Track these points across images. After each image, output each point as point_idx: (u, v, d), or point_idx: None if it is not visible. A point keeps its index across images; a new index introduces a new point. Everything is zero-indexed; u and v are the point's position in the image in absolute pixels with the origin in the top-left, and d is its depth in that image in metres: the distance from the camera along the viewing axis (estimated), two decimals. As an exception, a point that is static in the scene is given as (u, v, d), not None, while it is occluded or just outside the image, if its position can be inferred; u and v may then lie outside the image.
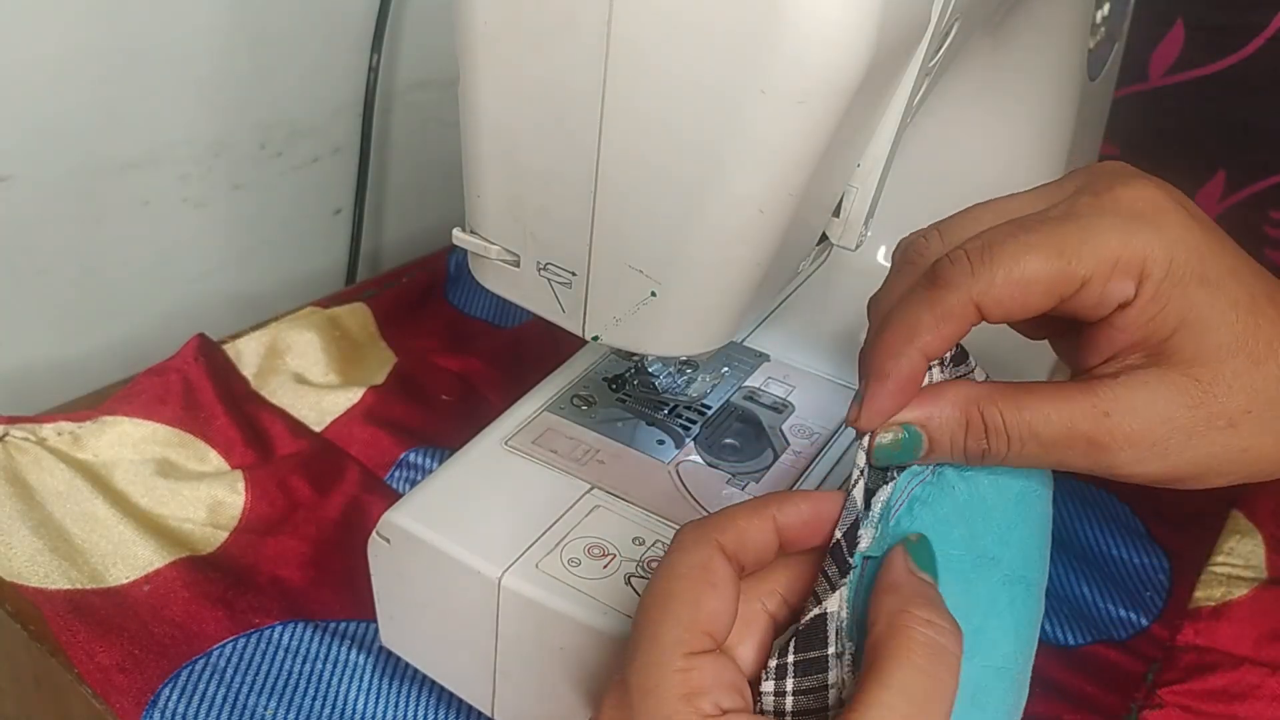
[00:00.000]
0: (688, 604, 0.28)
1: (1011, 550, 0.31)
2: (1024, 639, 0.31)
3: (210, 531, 0.52)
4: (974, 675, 0.29)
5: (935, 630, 0.27)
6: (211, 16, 0.65)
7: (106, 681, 0.43)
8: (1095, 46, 0.52)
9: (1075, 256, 0.28)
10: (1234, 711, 0.44)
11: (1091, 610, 0.51)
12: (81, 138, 0.62)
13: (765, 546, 0.30)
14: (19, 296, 0.63)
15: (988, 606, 0.30)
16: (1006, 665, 0.30)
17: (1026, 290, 0.28)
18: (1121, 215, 0.29)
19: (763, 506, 0.30)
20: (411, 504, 0.40)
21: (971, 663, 0.28)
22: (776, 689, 0.28)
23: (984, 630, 0.29)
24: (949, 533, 0.30)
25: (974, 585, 0.30)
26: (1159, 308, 0.28)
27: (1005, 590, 0.30)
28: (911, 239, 0.32)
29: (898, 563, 0.29)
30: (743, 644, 0.29)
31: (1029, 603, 0.31)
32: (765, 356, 0.49)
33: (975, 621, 0.29)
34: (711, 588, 0.28)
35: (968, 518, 0.31)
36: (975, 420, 0.30)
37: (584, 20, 0.30)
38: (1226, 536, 0.54)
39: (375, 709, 0.44)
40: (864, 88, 0.30)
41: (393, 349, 0.66)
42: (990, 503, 0.31)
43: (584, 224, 0.35)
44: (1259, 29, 0.66)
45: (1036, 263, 0.28)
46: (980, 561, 0.30)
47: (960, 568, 0.30)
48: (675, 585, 0.29)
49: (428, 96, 0.82)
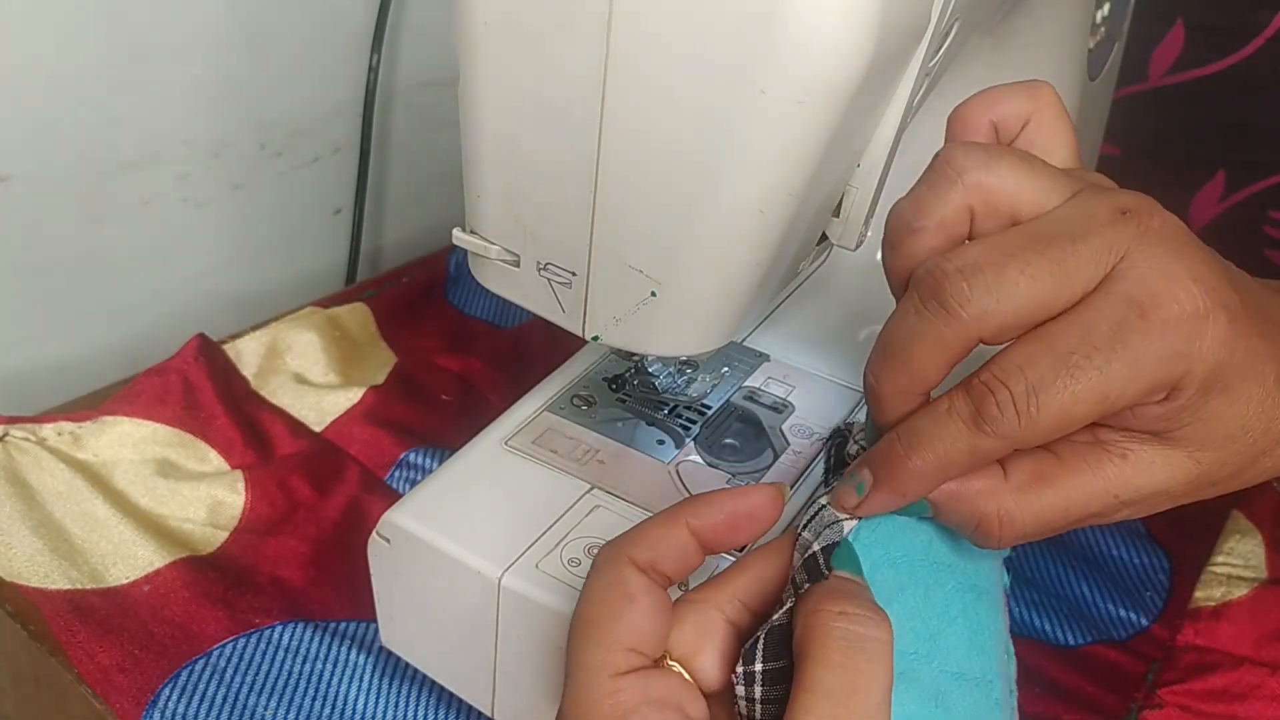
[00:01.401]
0: (605, 625, 0.28)
1: (962, 557, 0.32)
2: (979, 646, 0.31)
3: (210, 531, 0.52)
4: (934, 678, 0.29)
5: (849, 620, 0.26)
6: (212, 17, 0.65)
7: (106, 681, 0.43)
8: (1095, 46, 0.52)
9: (1120, 397, 0.27)
10: (1234, 711, 0.44)
11: (1091, 610, 0.51)
12: (81, 138, 0.62)
13: (684, 552, 0.30)
14: (19, 296, 0.63)
15: (942, 612, 0.30)
16: (963, 670, 0.30)
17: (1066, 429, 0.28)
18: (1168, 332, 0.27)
19: (675, 514, 0.30)
20: (411, 504, 0.40)
21: (930, 665, 0.29)
22: (746, 695, 0.28)
23: (940, 635, 0.30)
24: (912, 539, 0.30)
25: (931, 591, 0.30)
26: (1186, 415, 0.28)
27: (958, 597, 0.31)
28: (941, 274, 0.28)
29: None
30: (701, 655, 0.29)
31: (980, 610, 0.31)
32: (765, 356, 0.49)
33: (933, 626, 0.30)
34: (628, 603, 0.28)
35: (926, 525, 0.31)
36: (989, 520, 0.29)
37: (584, 19, 0.30)
38: (1226, 536, 0.54)
39: (375, 709, 0.44)
40: (864, 88, 0.30)
41: (393, 349, 0.66)
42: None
43: (584, 224, 0.35)
44: (1259, 29, 0.66)
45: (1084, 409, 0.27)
46: (937, 569, 0.31)
47: (920, 573, 0.30)
48: (592, 610, 0.29)
49: (428, 96, 0.82)
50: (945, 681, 0.29)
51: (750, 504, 0.30)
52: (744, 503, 0.30)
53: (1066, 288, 0.27)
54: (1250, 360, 0.28)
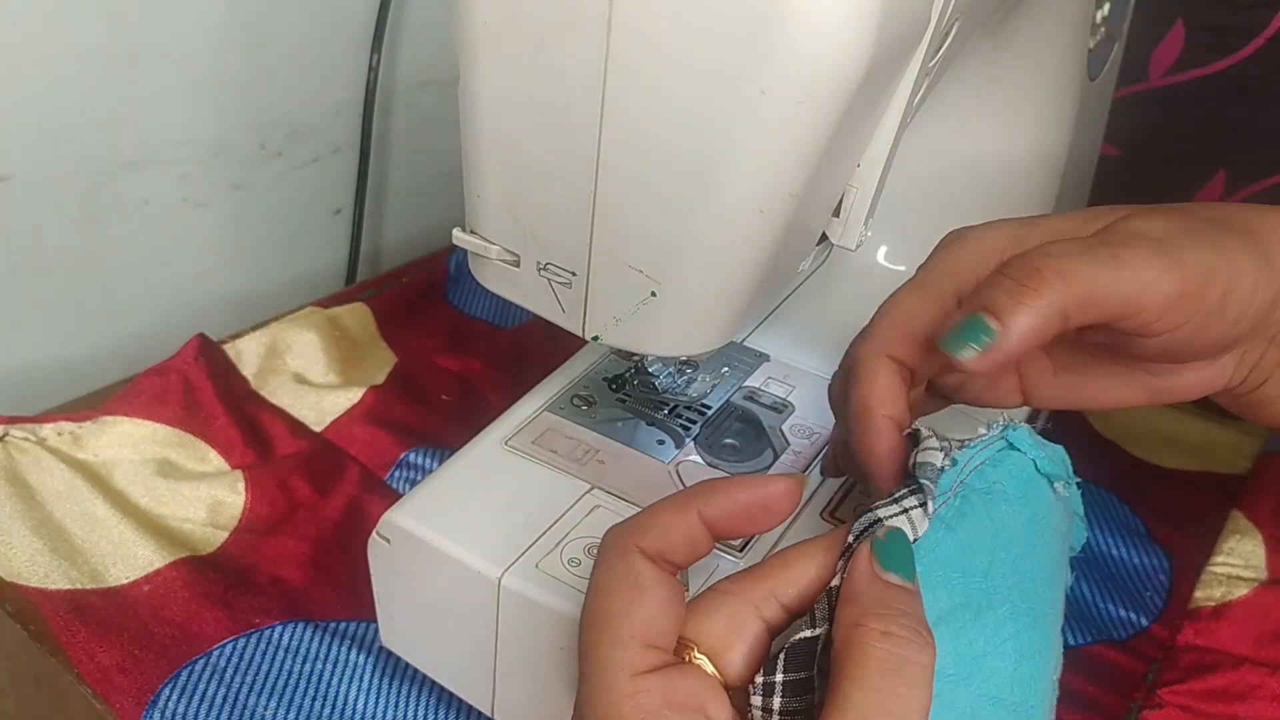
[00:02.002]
0: (620, 619, 0.27)
1: (1024, 581, 0.30)
2: (1025, 672, 0.30)
3: (210, 531, 0.52)
4: (970, 702, 0.28)
5: (893, 642, 0.25)
6: (211, 17, 0.65)
7: (106, 681, 0.43)
8: (1095, 46, 0.52)
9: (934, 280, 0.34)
10: (1234, 711, 0.44)
11: (1091, 610, 0.51)
12: (81, 138, 0.62)
13: (694, 540, 0.29)
14: (19, 296, 0.63)
15: (992, 634, 0.29)
16: (1003, 695, 0.29)
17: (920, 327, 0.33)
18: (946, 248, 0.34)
19: (686, 500, 0.29)
20: (411, 504, 0.40)
21: (969, 689, 0.28)
22: (764, 705, 0.28)
23: (985, 657, 0.29)
24: (972, 559, 0.29)
25: (983, 613, 0.29)
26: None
27: (1011, 621, 0.29)
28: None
29: (860, 567, 0.28)
30: (731, 649, 0.28)
31: (1033, 635, 0.30)
32: (765, 356, 0.49)
33: (979, 648, 0.28)
34: (641, 594, 0.28)
35: (989, 545, 0.30)
36: (1013, 260, 0.30)
37: (584, 20, 0.30)
38: (1226, 536, 0.54)
39: (375, 709, 0.44)
40: (864, 88, 0.30)
41: (393, 349, 0.66)
42: (1010, 530, 0.30)
43: (584, 224, 0.35)
44: (1259, 29, 0.66)
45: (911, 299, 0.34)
46: (993, 590, 0.29)
47: (974, 595, 0.29)
48: (604, 602, 0.28)
49: (428, 96, 0.82)
50: (981, 706, 0.28)
51: (767, 495, 0.30)
52: (761, 493, 0.29)
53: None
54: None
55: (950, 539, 0.29)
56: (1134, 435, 0.62)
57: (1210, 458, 0.60)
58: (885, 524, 0.29)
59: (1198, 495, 0.58)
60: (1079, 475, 0.34)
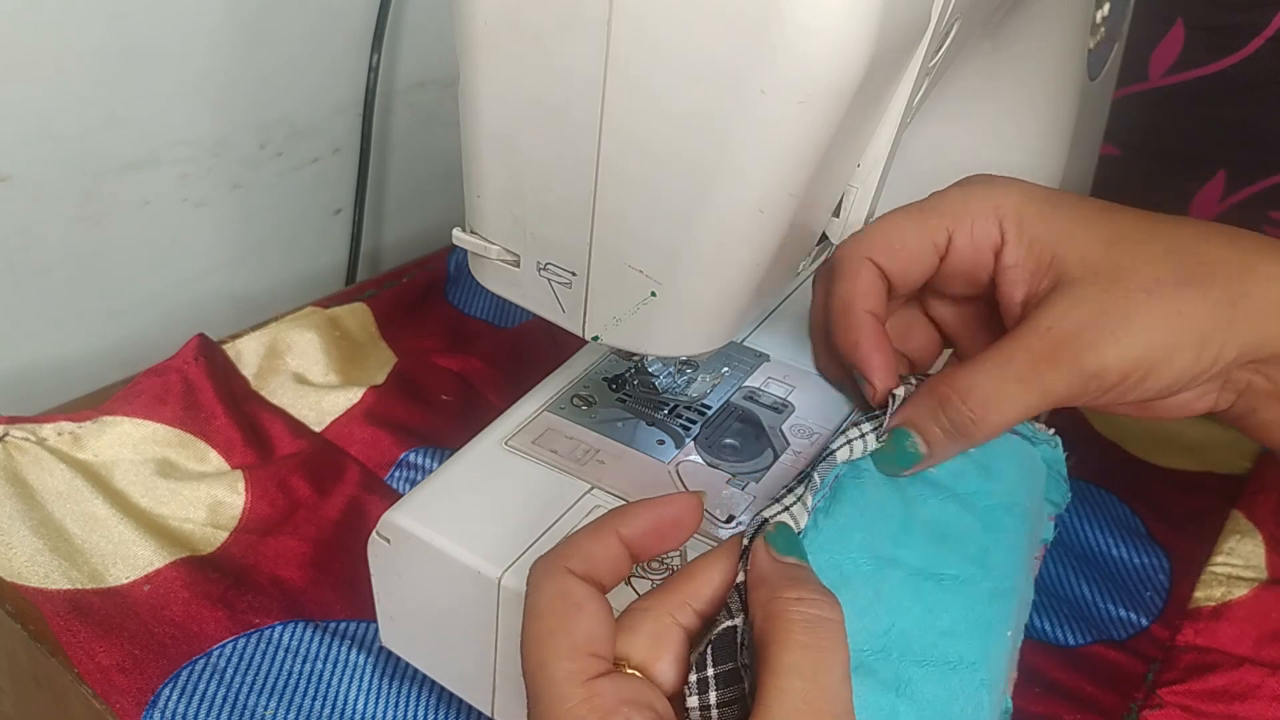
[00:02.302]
0: (562, 635, 0.29)
1: (906, 549, 0.32)
2: (946, 630, 0.31)
3: (210, 531, 0.52)
4: (893, 669, 0.30)
5: (806, 604, 0.28)
6: (211, 16, 0.65)
7: (106, 681, 0.43)
8: (1095, 46, 0.52)
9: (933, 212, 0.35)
10: (1234, 711, 0.44)
11: (1091, 610, 0.51)
12: (81, 138, 0.62)
13: (616, 561, 0.31)
14: (19, 296, 0.63)
15: (894, 604, 0.31)
16: (929, 658, 0.30)
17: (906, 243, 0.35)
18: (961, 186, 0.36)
19: (605, 524, 0.31)
20: (411, 504, 0.40)
21: (888, 659, 0.30)
22: (701, 703, 0.29)
23: (894, 628, 0.30)
24: (849, 538, 0.31)
25: (880, 586, 0.31)
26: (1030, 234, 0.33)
27: (909, 588, 0.31)
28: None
29: (760, 556, 0.30)
30: (659, 661, 0.30)
31: (944, 595, 0.32)
32: (765, 356, 0.49)
33: (884, 622, 0.30)
34: (578, 610, 0.29)
35: (864, 522, 0.32)
36: (946, 395, 0.33)
37: (584, 19, 0.30)
38: (1226, 536, 0.54)
39: (375, 709, 0.44)
40: (864, 88, 0.30)
41: (393, 349, 0.66)
42: (885, 505, 0.33)
43: (584, 224, 0.35)
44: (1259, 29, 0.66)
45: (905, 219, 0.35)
46: (880, 563, 0.32)
47: (865, 571, 0.31)
48: (543, 624, 0.29)
49: (428, 96, 0.82)
50: (907, 670, 0.30)
51: (674, 512, 0.32)
52: (668, 511, 0.32)
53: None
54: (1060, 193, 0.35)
55: (829, 524, 0.32)
56: (1134, 435, 0.62)
57: (1210, 458, 0.60)
58: (771, 521, 0.31)
59: (1198, 495, 0.58)
60: (1079, 475, 0.34)
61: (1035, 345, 0.32)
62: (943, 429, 0.33)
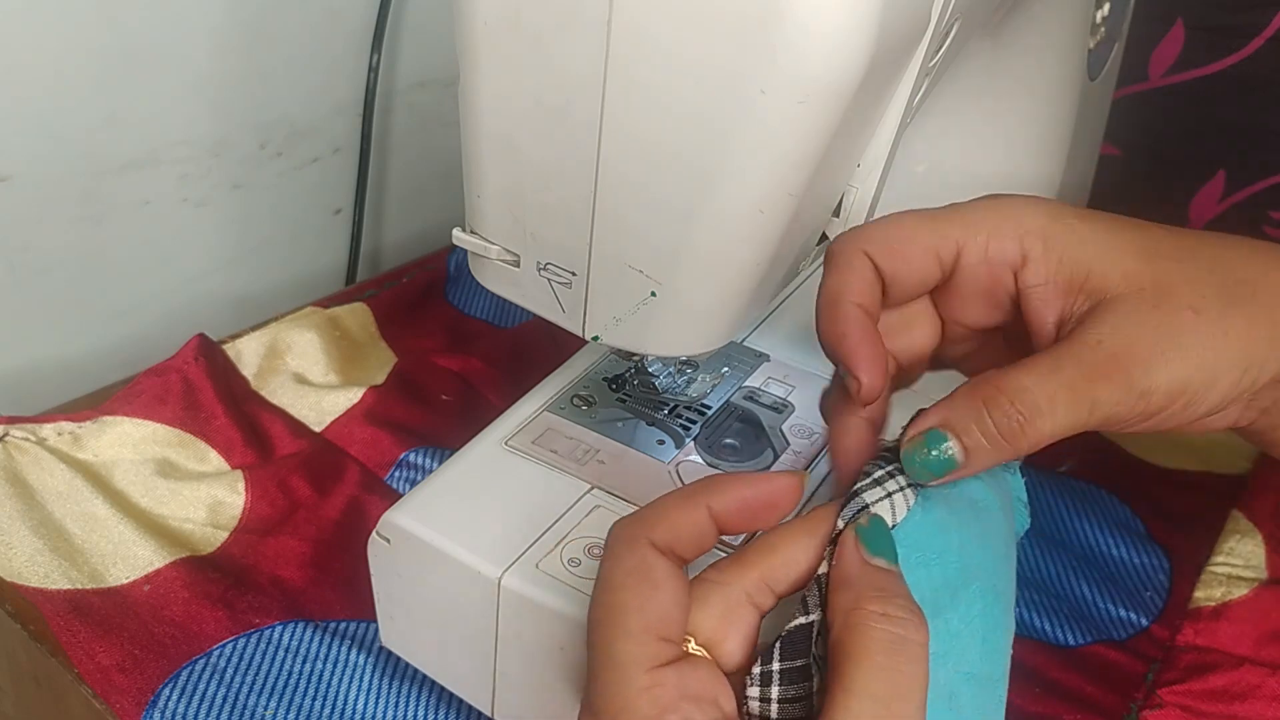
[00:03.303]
0: (633, 613, 0.27)
1: (988, 558, 0.31)
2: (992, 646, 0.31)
3: (210, 531, 0.52)
4: (948, 679, 0.29)
5: (891, 622, 0.26)
6: (211, 16, 0.65)
7: (106, 681, 0.43)
8: (1095, 46, 0.52)
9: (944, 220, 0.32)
10: (1234, 711, 0.44)
11: (1091, 610, 0.51)
12: (81, 138, 0.62)
13: (701, 535, 0.29)
14: (19, 296, 0.63)
15: (964, 612, 0.30)
16: (975, 671, 0.30)
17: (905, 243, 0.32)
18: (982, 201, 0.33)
19: (695, 494, 0.30)
20: (411, 504, 0.40)
21: (945, 667, 0.28)
22: (761, 695, 0.28)
23: (959, 635, 0.29)
24: (947, 540, 0.30)
25: (959, 592, 0.30)
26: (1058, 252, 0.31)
27: (980, 599, 0.30)
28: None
29: (849, 553, 0.28)
30: (728, 640, 0.29)
31: (995, 610, 0.31)
32: (765, 356, 0.49)
33: (955, 626, 0.29)
34: (654, 589, 0.28)
35: (957, 524, 0.31)
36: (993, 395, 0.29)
37: (584, 20, 0.30)
38: (1226, 536, 0.54)
39: (375, 709, 0.44)
40: (864, 88, 0.30)
41: (393, 349, 0.66)
42: (969, 510, 0.31)
43: (584, 224, 0.35)
44: (1259, 29, 0.66)
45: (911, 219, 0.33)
46: (965, 571, 0.30)
47: (950, 574, 0.30)
48: (616, 597, 0.28)
49: (428, 96, 0.82)
50: (958, 682, 0.29)
51: (770, 491, 0.30)
52: (764, 489, 0.30)
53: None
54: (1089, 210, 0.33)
55: (926, 520, 0.30)
56: (1134, 435, 0.62)
57: (1210, 458, 0.60)
58: (870, 510, 0.30)
59: (1198, 495, 0.57)
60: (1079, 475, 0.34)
61: (1086, 357, 0.29)
62: (985, 434, 0.30)
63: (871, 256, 0.33)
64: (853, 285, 0.32)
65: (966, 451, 0.30)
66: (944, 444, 0.30)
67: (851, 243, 0.33)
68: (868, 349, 0.32)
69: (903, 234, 0.33)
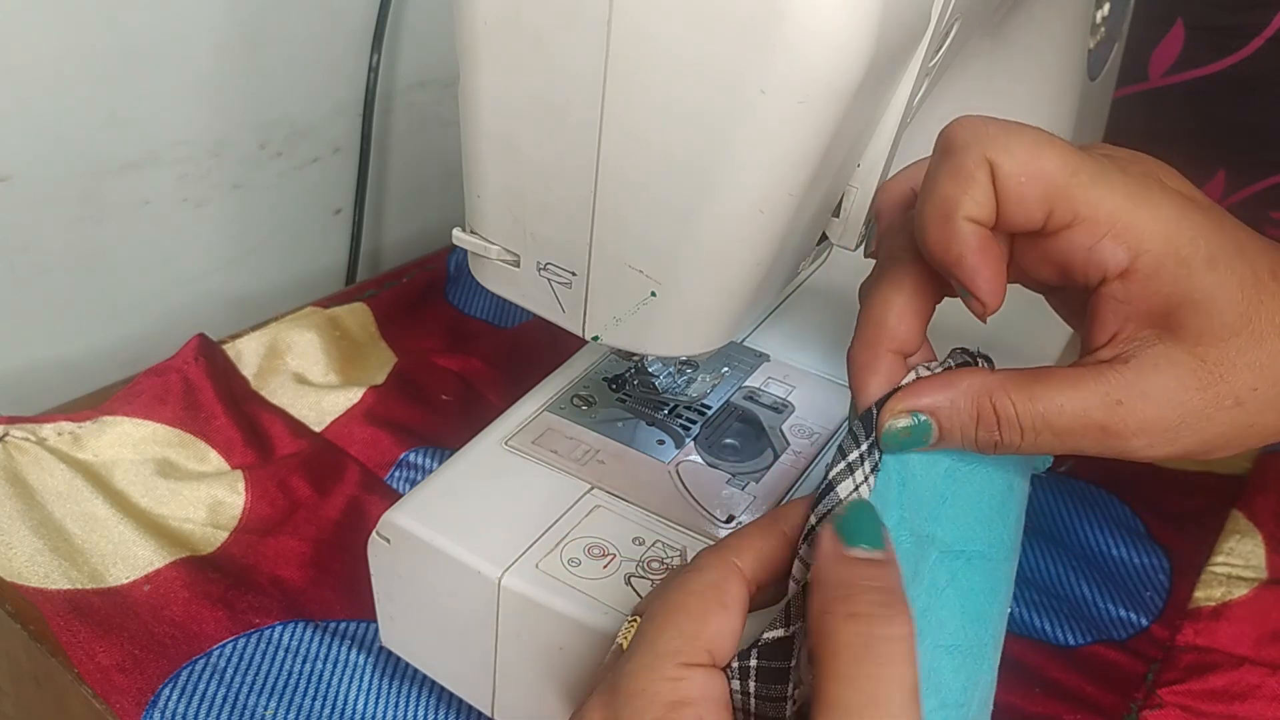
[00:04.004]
0: (694, 618, 0.28)
1: (943, 526, 0.31)
2: (973, 613, 0.30)
3: (210, 531, 0.52)
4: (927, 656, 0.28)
5: (859, 623, 0.25)
6: (211, 16, 0.65)
7: (106, 681, 0.43)
8: (1095, 46, 0.52)
9: (1079, 183, 0.28)
10: (1234, 711, 0.44)
11: (1091, 610, 0.51)
12: (81, 138, 0.62)
13: (782, 562, 0.30)
14: (19, 296, 0.63)
15: (929, 585, 0.29)
16: (955, 642, 0.29)
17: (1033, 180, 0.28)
18: (1131, 181, 0.28)
19: (771, 523, 0.30)
20: (411, 504, 0.40)
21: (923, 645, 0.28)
22: (741, 688, 0.28)
23: (930, 610, 0.29)
24: (889, 516, 0.30)
25: (919, 566, 0.29)
26: (1162, 283, 0.28)
27: (944, 567, 0.30)
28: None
29: (824, 549, 0.28)
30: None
31: (973, 575, 0.31)
32: (765, 356, 0.49)
33: (921, 603, 0.29)
34: (722, 609, 0.28)
35: (904, 499, 0.30)
36: (987, 411, 0.29)
37: (584, 19, 0.30)
38: (1226, 536, 0.54)
39: (375, 709, 0.44)
40: (864, 88, 0.30)
41: (393, 349, 0.66)
42: (918, 480, 0.31)
43: (584, 224, 0.35)
44: (1259, 29, 0.66)
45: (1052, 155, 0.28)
46: (918, 541, 0.30)
47: (905, 550, 0.29)
48: (685, 599, 0.28)
49: (428, 96, 0.82)
50: (937, 657, 0.29)
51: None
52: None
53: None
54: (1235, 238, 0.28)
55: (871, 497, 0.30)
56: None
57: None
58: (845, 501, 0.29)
59: (1198, 495, 0.57)
60: (1079, 475, 0.34)
61: (1094, 415, 0.28)
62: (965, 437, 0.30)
63: (996, 173, 0.28)
64: (972, 199, 0.28)
65: (941, 439, 0.30)
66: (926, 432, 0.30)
67: (979, 146, 0.28)
68: (989, 270, 0.29)
69: (1035, 167, 0.28)
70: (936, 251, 0.29)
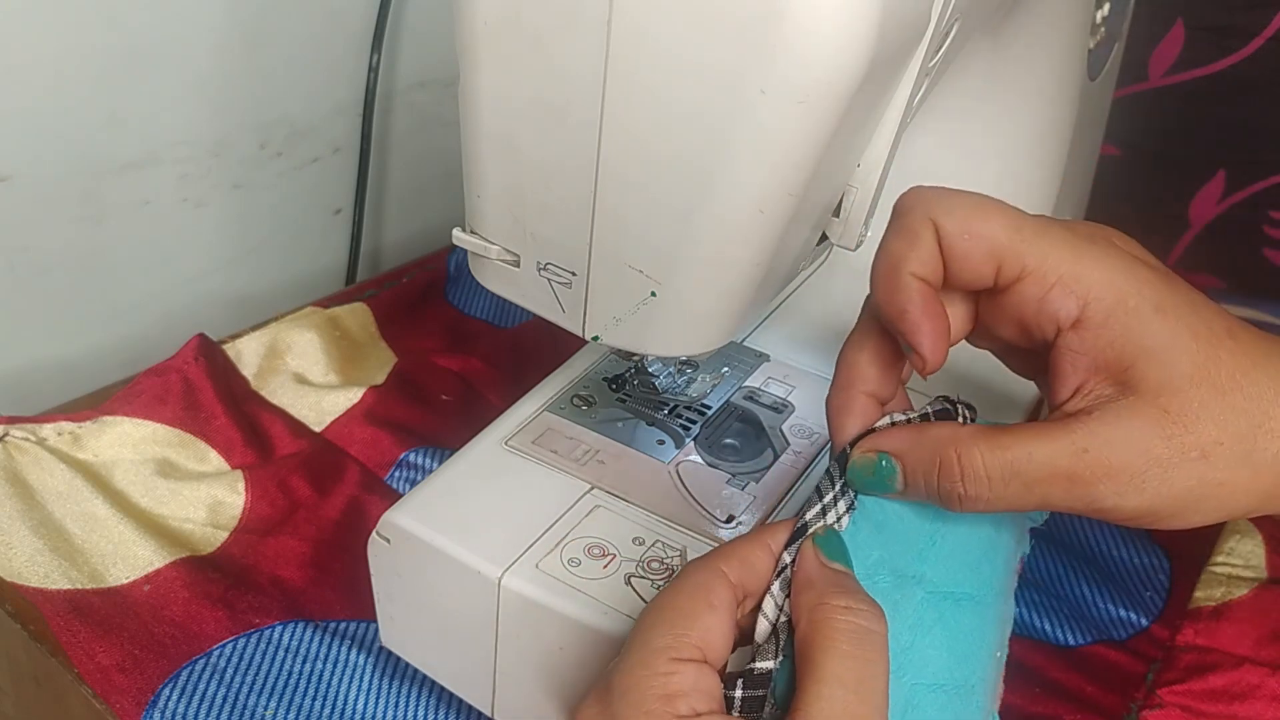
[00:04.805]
0: (684, 616, 0.29)
1: (932, 566, 0.32)
2: (960, 654, 0.31)
3: (210, 531, 0.52)
4: (904, 693, 0.29)
5: (854, 614, 0.28)
6: (211, 16, 0.65)
7: (106, 681, 0.43)
8: (1095, 46, 0.52)
9: (1023, 239, 0.30)
10: (1234, 711, 0.44)
11: (1091, 610, 0.51)
12: (81, 138, 0.62)
13: (766, 572, 0.31)
14: (19, 296, 0.63)
15: (914, 623, 0.31)
16: (940, 681, 0.30)
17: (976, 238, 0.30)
18: (1076, 236, 0.30)
19: (759, 536, 0.32)
20: (411, 504, 0.40)
21: (901, 680, 0.29)
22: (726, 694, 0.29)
23: (913, 648, 0.30)
24: (868, 555, 0.31)
25: (899, 605, 0.31)
26: (1114, 333, 0.29)
27: (931, 607, 0.31)
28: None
29: (808, 558, 0.30)
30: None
31: (961, 616, 0.31)
32: (765, 356, 0.49)
33: (904, 640, 0.30)
34: (710, 609, 0.29)
35: (883, 540, 0.32)
36: (950, 461, 0.30)
37: (584, 19, 0.30)
38: (1226, 536, 0.54)
39: (375, 709, 0.44)
40: (864, 88, 0.30)
41: (393, 349, 0.66)
42: (906, 522, 0.32)
43: (584, 224, 0.35)
44: (1259, 29, 0.66)
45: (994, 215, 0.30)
46: (901, 581, 0.31)
47: (882, 589, 0.31)
48: (676, 599, 0.30)
49: (428, 96, 0.82)
50: (918, 694, 0.30)
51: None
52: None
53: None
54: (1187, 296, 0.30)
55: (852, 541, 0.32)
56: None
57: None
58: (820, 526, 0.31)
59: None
60: None
61: (1061, 463, 0.28)
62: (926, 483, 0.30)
63: (940, 232, 0.30)
64: (916, 256, 0.30)
65: (906, 488, 0.31)
66: (891, 475, 0.31)
67: (922, 208, 0.31)
68: (930, 324, 0.31)
69: (977, 227, 0.30)
70: (884, 305, 0.31)
